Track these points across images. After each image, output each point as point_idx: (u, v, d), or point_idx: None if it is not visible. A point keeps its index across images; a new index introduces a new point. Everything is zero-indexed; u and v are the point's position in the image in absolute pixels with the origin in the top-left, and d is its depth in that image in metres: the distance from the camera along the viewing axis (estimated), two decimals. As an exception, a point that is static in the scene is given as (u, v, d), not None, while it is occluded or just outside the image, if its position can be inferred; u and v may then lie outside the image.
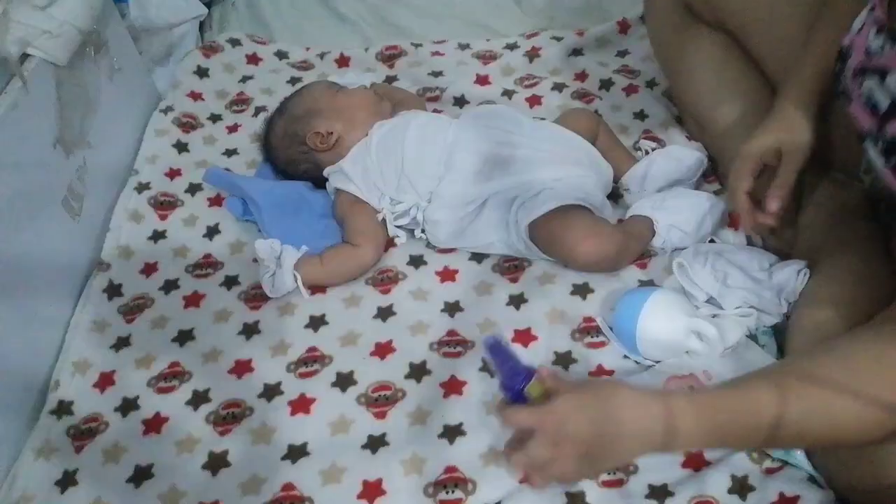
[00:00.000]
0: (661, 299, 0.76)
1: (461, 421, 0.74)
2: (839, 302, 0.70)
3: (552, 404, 0.53)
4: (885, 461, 0.60)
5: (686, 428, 0.53)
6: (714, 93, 0.90)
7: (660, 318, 0.74)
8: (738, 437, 0.55)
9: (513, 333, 0.81)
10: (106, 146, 0.99)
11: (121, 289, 0.90)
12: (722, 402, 0.54)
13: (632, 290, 0.80)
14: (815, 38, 0.73)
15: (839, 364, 0.55)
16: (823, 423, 0.53)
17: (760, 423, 0.53)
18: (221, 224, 0.97)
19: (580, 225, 0.82)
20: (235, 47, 1.23)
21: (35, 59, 0.85)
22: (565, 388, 0.55)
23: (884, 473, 0.60)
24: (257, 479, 0.72)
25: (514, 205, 0.85)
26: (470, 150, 0.90)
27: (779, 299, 0.76)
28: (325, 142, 0.96)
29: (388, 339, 0.82)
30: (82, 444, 0.76)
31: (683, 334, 0.74)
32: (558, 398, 0.54)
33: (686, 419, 0.53)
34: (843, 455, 0.64)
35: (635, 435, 0.53)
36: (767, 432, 0.53)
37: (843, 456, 0.64)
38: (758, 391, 0.54)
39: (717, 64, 0.90)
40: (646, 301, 0.75)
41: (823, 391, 0.53)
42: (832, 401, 0.52)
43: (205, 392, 0.79)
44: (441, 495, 0.69)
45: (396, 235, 0.92)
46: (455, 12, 1.30)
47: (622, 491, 0.68)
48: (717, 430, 0.54)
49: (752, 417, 0.53)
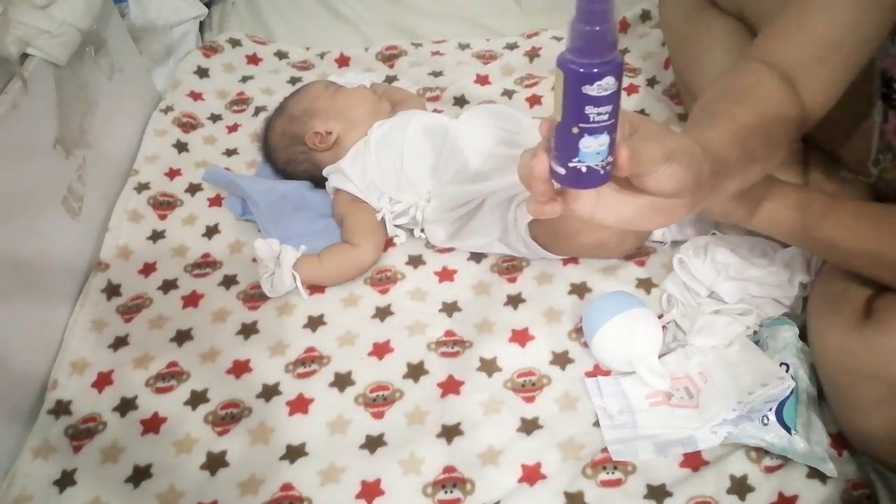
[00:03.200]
0: (623, 324, 0.74)
1: (459, 421, 0.74)
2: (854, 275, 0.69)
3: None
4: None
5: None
6: None
7: (612, 342, 0.74)
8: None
9: (511, 333, 0.81)
10: (106, 146, 0.99)
11: (119, 288, 0.90)
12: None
13: (609, 298, 0.78)
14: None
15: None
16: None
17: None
18: (221, 224, 0.97)
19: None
20: (235, 47, 1.24)
21: (35, 59, 0.85)
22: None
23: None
24: (256, 480, 0.72)
25: (513, 204, 0.85)
26: (469, 149, 0.89)
27: (787, 282, 0.75)
28: (325, 142, 0.96)
29: (386, 340, 0.82)
30: (81, 444, 0.76)
31: (629, 366, 0.74)
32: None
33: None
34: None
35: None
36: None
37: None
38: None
39: (731, 51, 0.88)
40: (609, 319, 0.74)
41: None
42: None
43: (203, 392, 0.79)
44: (440, 495, 0.69)
45: (395, 235, 0.92)
46: (455, 12, 1.31)
47: (621, 491, 0.68)
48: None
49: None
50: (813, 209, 0.66)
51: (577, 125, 0.42)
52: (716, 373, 0.72)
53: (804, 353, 0.71)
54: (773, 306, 0.77)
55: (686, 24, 0.94)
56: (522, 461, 0.70)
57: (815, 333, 0.69)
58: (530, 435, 0.72)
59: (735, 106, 0.59)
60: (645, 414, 0.71)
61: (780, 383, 0.67)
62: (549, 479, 0.69)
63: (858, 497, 0.65)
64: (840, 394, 0.66)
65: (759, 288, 0.76)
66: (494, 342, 0.80)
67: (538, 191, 0.47)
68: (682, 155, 0.47)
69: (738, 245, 0.80)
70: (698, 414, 0.70)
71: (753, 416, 0.67)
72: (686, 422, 0.70)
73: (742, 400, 0.68)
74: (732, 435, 0.68)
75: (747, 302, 0.76)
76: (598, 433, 0.71)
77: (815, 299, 0.71)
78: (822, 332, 0.67)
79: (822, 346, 0.67)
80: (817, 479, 0.66)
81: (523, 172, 0.47)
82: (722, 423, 0.68)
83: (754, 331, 0.76)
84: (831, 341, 0.65)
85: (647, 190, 0.48)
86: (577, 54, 0.40)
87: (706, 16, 0.91)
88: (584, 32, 0.40)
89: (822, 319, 0.68)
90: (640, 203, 0.48)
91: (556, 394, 0.75)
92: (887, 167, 0.72)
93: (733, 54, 0.87)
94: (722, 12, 0.90)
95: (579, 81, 0.41)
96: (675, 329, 0.78)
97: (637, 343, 0.74)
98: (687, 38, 0.94)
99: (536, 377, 0.77)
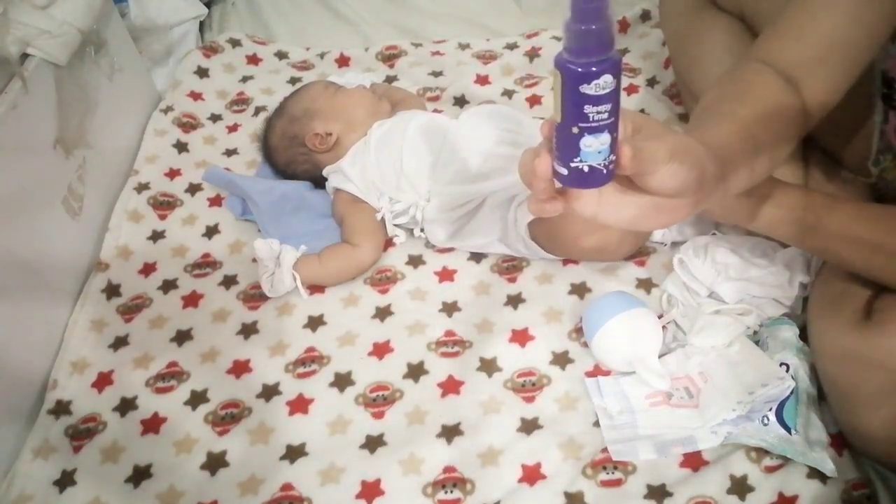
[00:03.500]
0: (623, 324, 0.74)
1: (459, 421, 0.74)
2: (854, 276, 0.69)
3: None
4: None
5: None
6: None
7: (613, 342, 0.74)
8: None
9: (511, 333, 0.81)
10: (106, 146, 0.99)
11: (119, 288, 0.90)
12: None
13: (610, 297, 0.78)
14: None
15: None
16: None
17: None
18: (221, 224, 0.97)
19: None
20: (235, 47, 1.24)
21: (35, 59, 0.85)
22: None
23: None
24: (256, 480, 0.72)
25: (513, 204, 0.85)
26: (469, 149, 0.89)
27: (788, 282, 0.75)
28: (324, 143, 0.96)
29: (386, 340, 0.82)
30: (81, 444, 0.76)
31: (629, 366, 0.74)
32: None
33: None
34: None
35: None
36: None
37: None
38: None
39: (731, 51, 0.87)
40: (609, 319, 0.74)
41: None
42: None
43: (203, 392, 0.79)
44: (440, 495, 0.69)
45: (395, 235, 0.92)
46: (455, 12, 1.31)
47: (620, 491, 0.68)
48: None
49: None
50: (813, 210, 0.66)
51: (576, 125, 0.42)
52: (716, 373, 0.72)
53: (804, 353, 0.71)
54: (773, 306, 0.77)
55: (686, 23, 0.93)
56: (522, 461, 0.70)
57: (815, 334, 0.69)
58: (530, 435, 0.72)
59: (737, 104, 0.59)
60: (645, 414, 0.71)
61: (780, 383, 0.67)
62: (549, 479, 0.69)
63: (858, 497, 0.65)
64: (840, 394, 0.66)
65: (759, 288, 0.76)
66: (494, 342, 0.80)
67: (539, 189, 0.47)
68: (684, 154, 0.47)
69: (738, 245, 0.80)
70: (698, 414, 0.70)
71: (753, 417, 0.67)
72: (686, 422, 0.70)
73: (742, 400, 0.68)
74: (732, 435, 0.68)
75: (747, 302, 0.76)
76: (598, 433, 0.71)
77: (815, 300, 0.71)
78: (823, 333, 0.67)
79: (822, 347, 0.67)
80: (817, 479, 0.66)
81: (525, 171, 0.47)
82: (722, 423, 0.68)
83: (754, 331, 0.76)
84: (832, 341, 0.65)
85: (650, 189, 0.47)
86: (573, 54, 0.40)
87: (706, 16, 0.91)
88: (579, 31, 0.39)
89: (822, 320, 0.68)
90: (643, 202, 0.48)
91: (556, 394, 0.75)
92: (887, 167, 0.72)
93: (733, 54, 0.86)
94: (722, 12, 0.89)
95: (576, 81, 0.41)
96: (675, 329, 0.78)
97: (637, 343, 0.74)
98: (687, 38, 0.94)
99: (536, 377, 0.77)
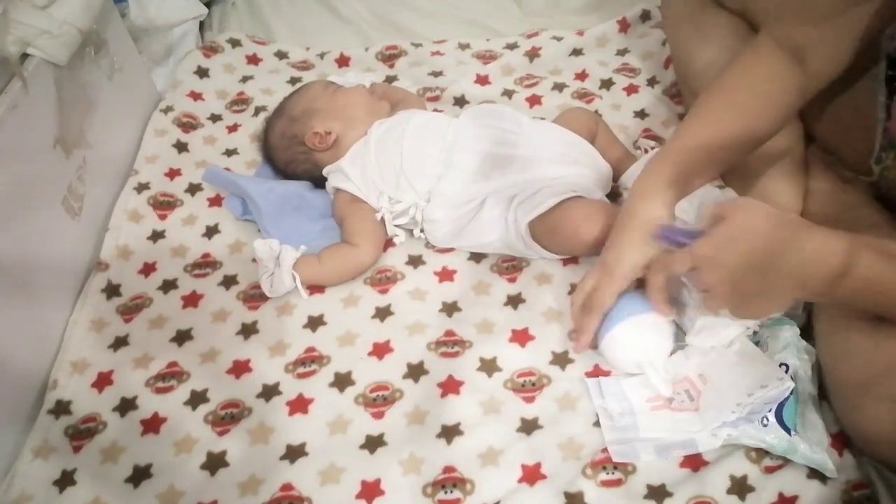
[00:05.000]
0: (634, 326, 0.73)
1: (459, 421, 0.74)
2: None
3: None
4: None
5: (860, 269, 0.56)
6: None
7: (627, 343, 0.74)
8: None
9: (511, 333, 0.81)
10: (106, 146, 0.99)
11: (119, 288, 0.90)
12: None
13: (624, 298, 0.76)
14: (700, 110, 0.75)
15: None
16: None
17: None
18: (221, 224, 0.97)
19: (579, 209, 0.82)
20: (235, 48, 1.23)
21: (35, 59, 0.85)
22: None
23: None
24: (256, 480, 0.72)
25: (513, 203, 0.85)
26: (469, 148, 0.89)
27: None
28: (324, 142, 0.96)
29: (386, 340, 0.82)
30: (80, 444, 0.76)
31: (637, 368, 0.74)
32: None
33: (863, 259, 0.57)
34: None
35: (808, 263, 0.57)
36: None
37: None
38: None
39: (733, 50, 0.87)
40: (619, 322, 0.74)
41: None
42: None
43: (203, 392, 0.79)
44: (440, 495, 0.69)
45: (395, 234, 0.92)
46: (455, 12, 1.31)
47: (621, 491, 0.68)
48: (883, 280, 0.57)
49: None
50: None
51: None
52: (715, 374, 0.71)
53: (805, 353, 0.71)
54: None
55: (688, 22, 0.93)
56: (522, 461, 0.70)
57: (823, 336, 0.69)
58: (530, 435, 0.72)
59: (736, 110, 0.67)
60: (646, 416, 0.71)
61: (779, 384, 0.67)
62: (549, 479, 0.69)
63: (859, 497, 0.65)
64: (848, 396, 0.66)
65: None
66: (494, 342, 0.80)
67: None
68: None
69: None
70: (698, 417, 0.70)
71: (753, 418, 0.67)
72: (687, 425, 0.70)
73: (741, 402, 0.68)
74: (732, 437, 0.68)
75: None
76: (598, 433, 0.71)
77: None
78: (831, 335, 0.67)
79: (830, 349, 0.67)
80: (817, 479, 0.66)
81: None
82: (721, 425, 0.68)
83: (754, 331, 0.75)
84: (840, 344, 0.65)
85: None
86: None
87: (709, 14, 0.91)
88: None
89: (831, 322, 0.68)
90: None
91: (556, 394, 0.75)
92: (889, 165, 0.72)
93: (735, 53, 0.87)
94: (724, 10, 0.89)
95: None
96: (675, 329, 0.78)
97: (649, 347, 0.74)
98: (689, 38, 0.94)
99: (536, 377, 0.77)
